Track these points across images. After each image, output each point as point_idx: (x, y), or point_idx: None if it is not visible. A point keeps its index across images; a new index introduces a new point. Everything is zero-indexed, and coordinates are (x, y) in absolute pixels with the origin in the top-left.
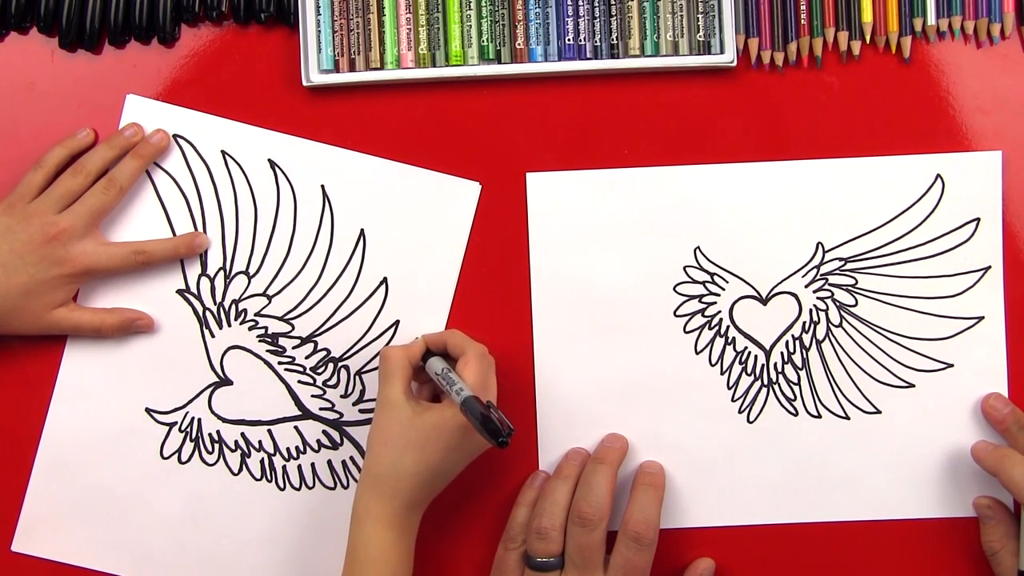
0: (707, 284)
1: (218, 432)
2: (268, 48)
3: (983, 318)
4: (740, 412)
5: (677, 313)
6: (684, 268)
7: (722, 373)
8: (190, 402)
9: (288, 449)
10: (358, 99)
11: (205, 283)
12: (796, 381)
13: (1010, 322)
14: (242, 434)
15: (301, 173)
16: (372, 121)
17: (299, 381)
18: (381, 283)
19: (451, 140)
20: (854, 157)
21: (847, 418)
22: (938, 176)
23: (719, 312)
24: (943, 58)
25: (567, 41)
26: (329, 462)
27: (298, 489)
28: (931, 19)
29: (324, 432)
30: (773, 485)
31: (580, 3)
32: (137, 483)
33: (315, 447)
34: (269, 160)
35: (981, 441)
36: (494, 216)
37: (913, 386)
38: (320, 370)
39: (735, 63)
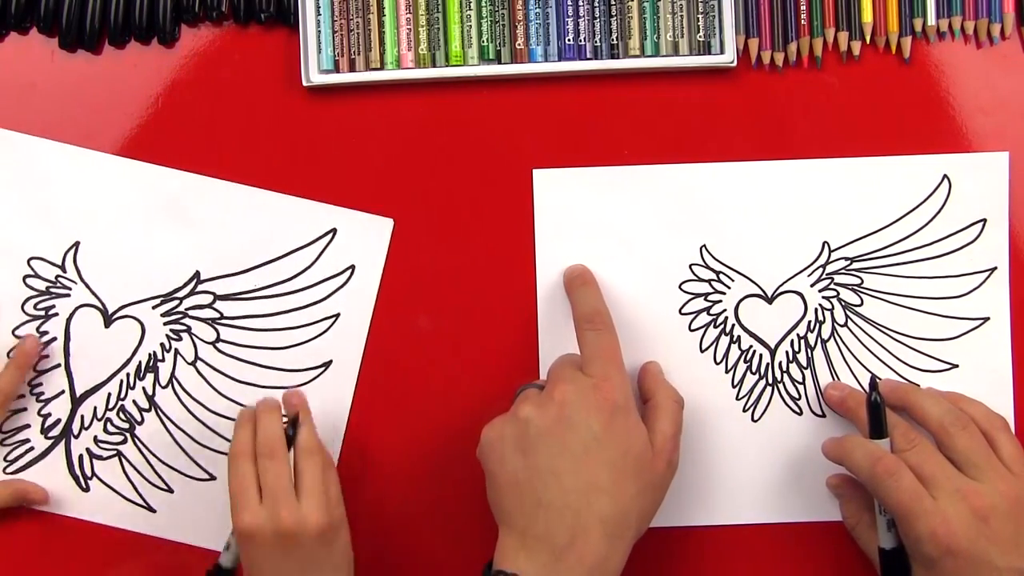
0: (713, 282)
1: None
2: (268, 48)
3: (988, 319)
4: (744, 411)
5: (683, 311)
6: (690, 266)
7: (727, 371)
8: None
9: None
10: (358, 99)
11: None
12: (801, 380)
13: (1015, 323)
14: None
15: None
16: (372, 121)
17: None
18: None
19: (450, 140)
20: (855, 157)
21: None
22: (944, 176)
23: (724, 310)
24: (943, 58)
25: (567, 41)
26: None
27: None
28: (931, 19)
29: None
30: (777, 484)
31: (580, 3)
32: None
33: None
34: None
35: (828, 438)
36: (494, 216)
37: (918, 386)
38: None
39: (735, 63)
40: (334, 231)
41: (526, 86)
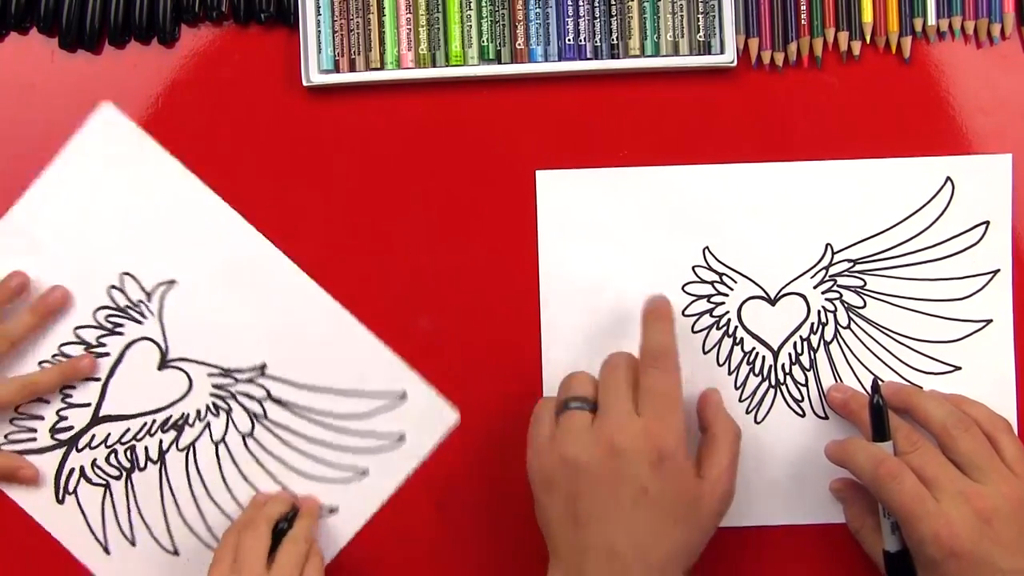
0: (715, 284)
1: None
2: (268, 48)
3: (991, 321)
4: (747, 413)
5: (685, 313)
6: (693, 268)
7: (730, 373)
8: None
9: None
10: (358, 99)
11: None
12: (804, 382)
13: (1018, 325)
14: None
15: None
16: (372, 121)
17: None
18: None
19: (451, 141)
20: (855, 158)
21: None
22: (948, 178)
23: (727, 312)
24: (943, 58)
25: (567, 41)
26: None
27: None
28: (931, 19)
29: None
30: (779, 486)
31: (580, 3)
32: None
33: None
34: None
35: (831, 441)
36: (495, 217)
37: (920, 389)
38: None
39: (735, 63)
40: (404, 394)
41: (526, 86)
